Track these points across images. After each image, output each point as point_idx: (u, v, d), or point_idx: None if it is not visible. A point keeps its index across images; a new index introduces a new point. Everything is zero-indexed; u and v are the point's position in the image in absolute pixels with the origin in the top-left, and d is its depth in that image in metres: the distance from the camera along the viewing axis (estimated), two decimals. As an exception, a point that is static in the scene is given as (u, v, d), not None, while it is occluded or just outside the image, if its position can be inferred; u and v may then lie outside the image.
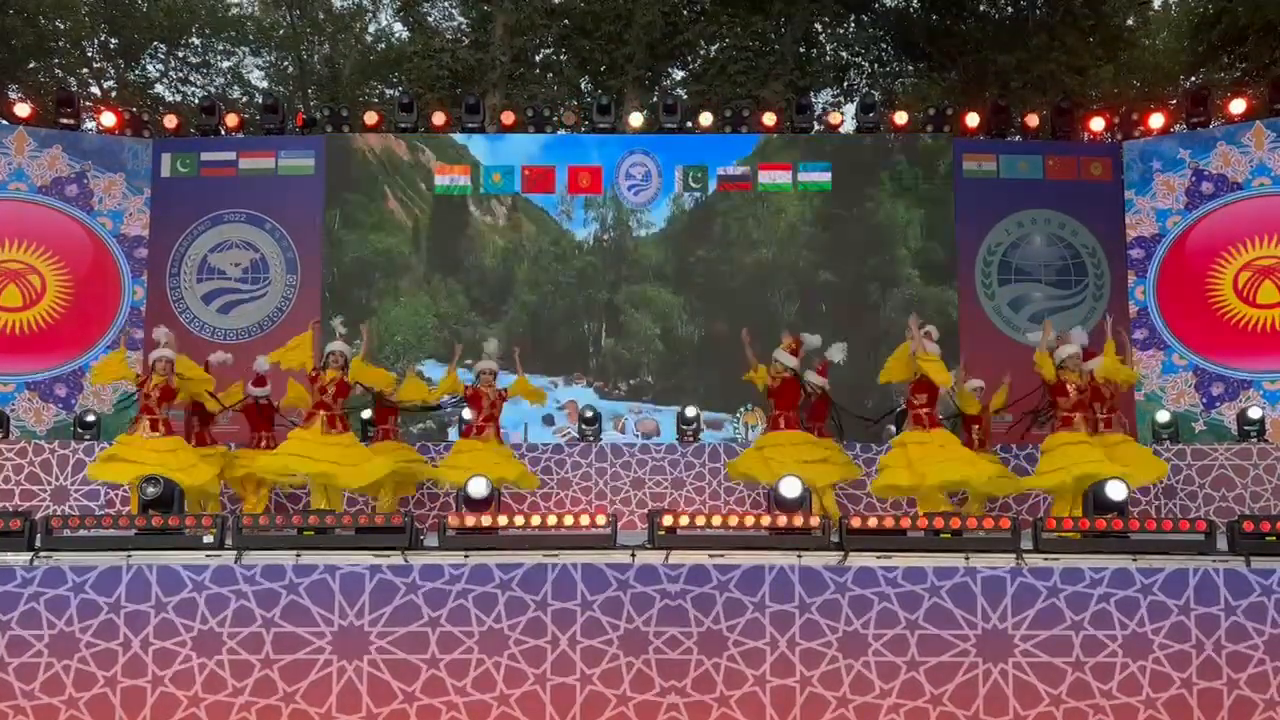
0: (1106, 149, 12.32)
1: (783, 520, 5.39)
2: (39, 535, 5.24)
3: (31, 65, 19.59)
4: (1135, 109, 12.80)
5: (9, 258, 11.53)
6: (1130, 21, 19.53)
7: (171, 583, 5.00)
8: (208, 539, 5.24)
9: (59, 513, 8.77)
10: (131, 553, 5.13)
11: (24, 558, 5.11)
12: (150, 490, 5.68)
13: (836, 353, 8.63)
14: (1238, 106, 11.76)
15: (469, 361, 9.56)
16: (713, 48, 17.99)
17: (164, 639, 4.96)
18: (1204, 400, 11.38)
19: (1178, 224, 11.75)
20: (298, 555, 5.14)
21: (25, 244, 11.57)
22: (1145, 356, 11.65)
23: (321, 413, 8.08)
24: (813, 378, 8.75)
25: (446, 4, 20.73)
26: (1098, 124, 12.46)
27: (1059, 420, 7.66)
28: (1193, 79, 18.41)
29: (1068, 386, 7.63)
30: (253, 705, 4.95)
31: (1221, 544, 5.32)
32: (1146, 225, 11.90)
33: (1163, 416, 10.38)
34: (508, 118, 12.43)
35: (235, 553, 5.16)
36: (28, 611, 4.95)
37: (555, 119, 12.38)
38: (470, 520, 5.37)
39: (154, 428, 8.24)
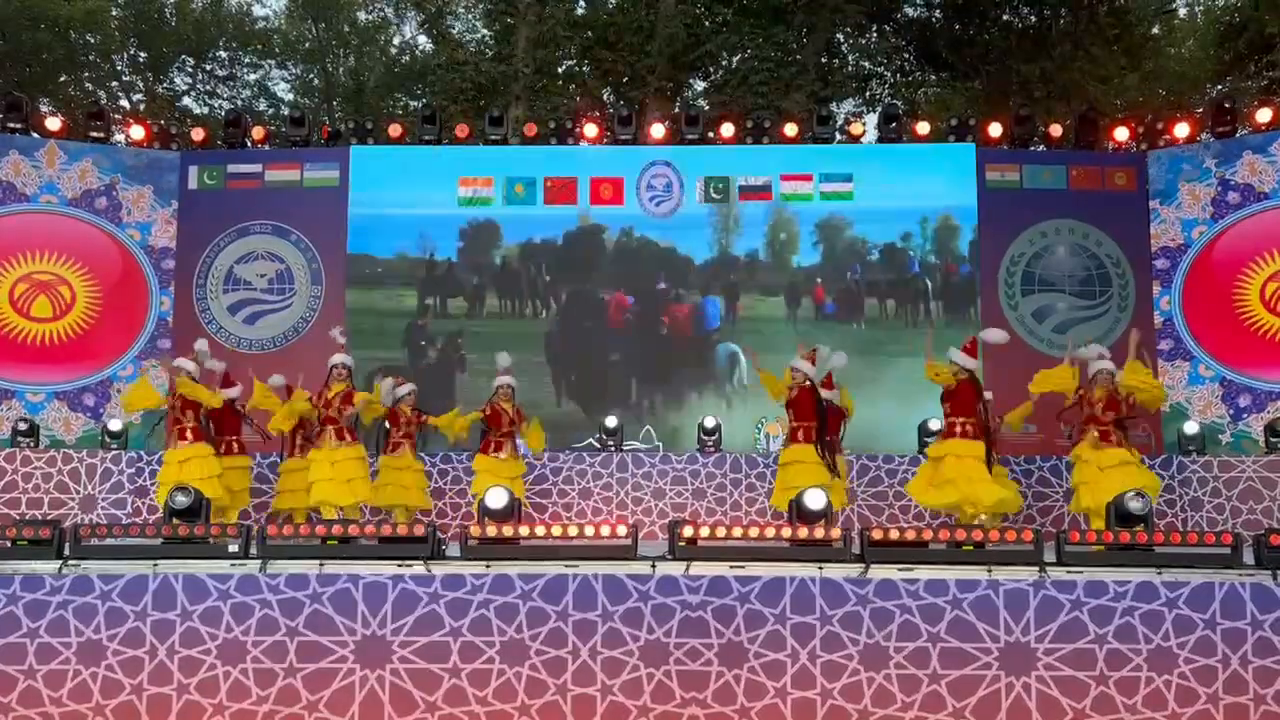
0: (1131, 158, 12.25)
1: (804, 532, 5.39)
2: (67, 543, 5.31)
3: (62, 79, 19.92)
4: (1160, 118, 12.70)
5: (40, 269, 11.71)
6: (1155, 30, 19.42)
7: (197, 591, 5.05)
8: (233, 548, 5.30)
9: (87, 521, 8.90)
10: (158, 561, 5.19)
11: (53, 566, 5.18)
12: (180, 499, 5.75)
13: (838, 360, 8.65)
14: (1264, 115, 11.67)
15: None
16: (734, 59, 18.03)
17: (189, 647, 5.01)
18: (1231, 412, 11.27)
19: (1204, 234, 11.66)
20: (321, 564, 5.18)
21: (56, 255, 11.74)
22: (1170, 368, 11.56)
23: (330, 427, 8.18)
24: (823, 393, 8.77)
25: (470, 17, 20.91)
26: (1122, 133, 12.38)
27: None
28: (1219, 88, 18.28)
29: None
30: (276, 714, 4.98)
31: (1248, 557, 5.26)
32: (1172, 235, 11.81)
33: (1189, 428, 10.28)
34: (530, 129, 12.51)
35: (260, 562, 5.21)
36: (56, 619, 5.01)
37: (577, 131, 12.45)
38: (492, 530, 5.40)
39: (182, 436, 8.33)
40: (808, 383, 8.19)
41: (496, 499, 5.68)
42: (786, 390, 8.24)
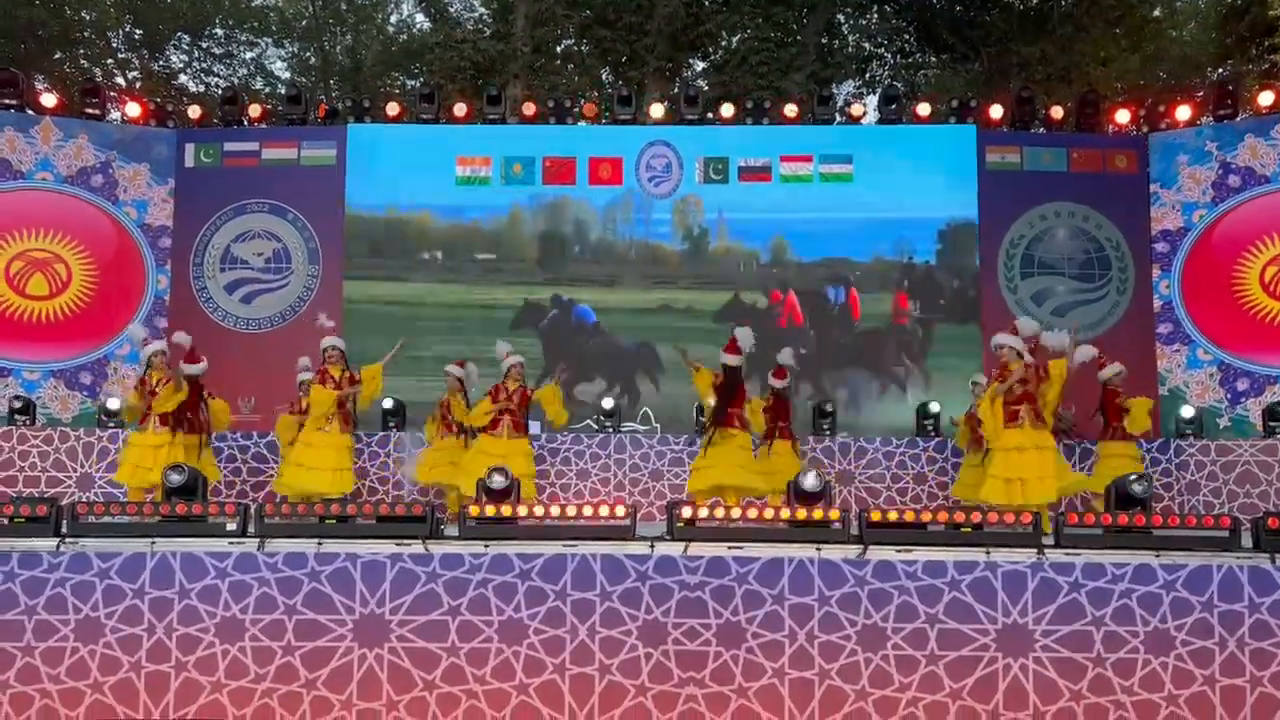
0: (1132, 141, 12.20)
1: (802, 513, 5.39)
2: (65, 521, 5.30)
3: (57, 55, 19.78)
4: (1161, 101, 12.64)
5: (36, 247, 11.65)
6: (1157, 12, 19.32)
7: (195, 569, 5.05)
8: (231, 526, 5.29)
9: (84, 499, 8.89)
10: (156, 539, 5.18)
11: (50, 543, 5.17)
12: (175, 478, 5.74)
13: (786, 357, 9.12)
14: (1266, 99, 11.62)
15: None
16: (734, 39, 17.93)
17: (187, 625, 5.01)
18: (1229, 396, 11.27)
19: (1204, 217, 11.63)
20: (319, 543, 5.18)
21: (51, 233, 11.69)
22: (1169, 351, 11.55)
23: (337, 411, 8.13)
24: (772, 382, 9.05)
25: (468, -6, 20.75)
26: (1123, 116, 12.32)
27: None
28: (1220, 70, 18.19)
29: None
30: (274, 692, 4.99)
31: (1246, 541, 5.27)
32: (1172, 219, 11.79)
33: (1187, 412, 10.28)
34: (529, 109, 12.43)
35: (258, 540, 5.20)
36: (54, 597, 5.01)
37: (576, 110, 12.37)
38: (490, 510, 5.39)
39: (163, 422, 8.29)
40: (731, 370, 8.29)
41: (496, 480, 5.67)
42: (714, 379, 8.28)
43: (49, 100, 12.12)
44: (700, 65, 19.28)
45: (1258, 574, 4.94)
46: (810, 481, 5.75)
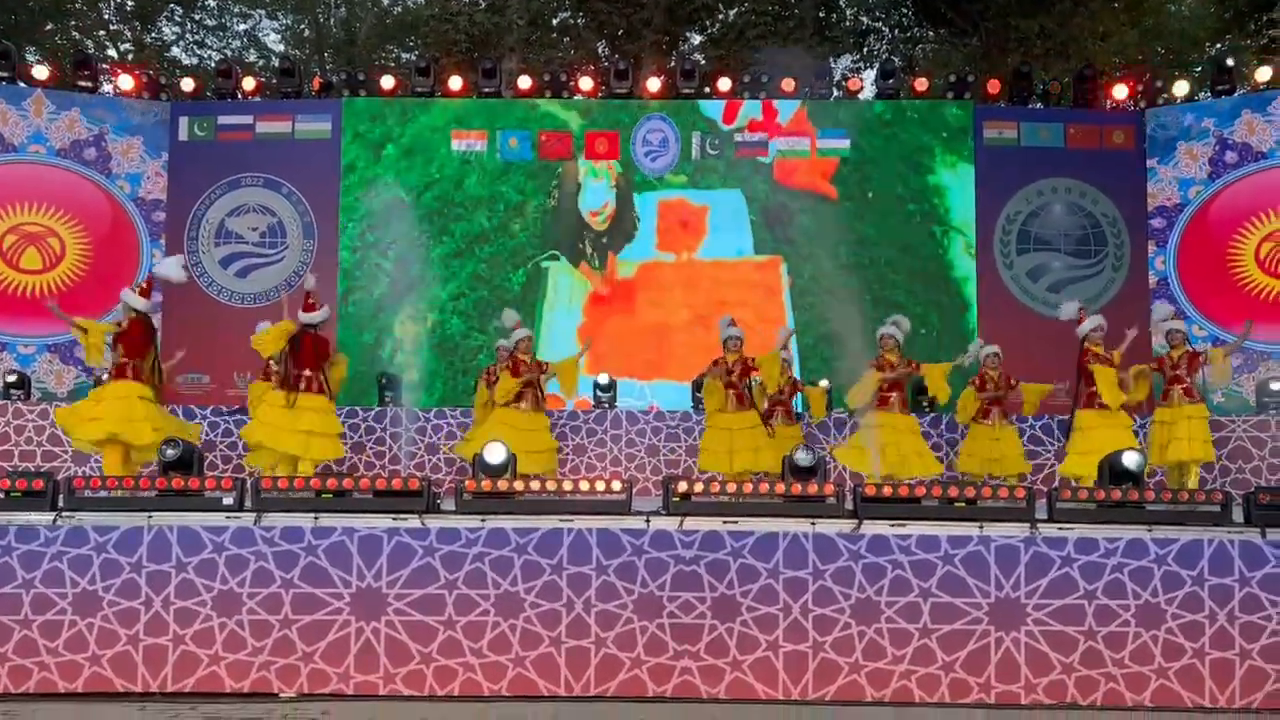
0: (1129, 117, 12.16)
1: (797, 488, 5.41)
2: (61, 495, 5.31)
3: (49, 27, 19.59)
4: (1159, 76, 12.59)
5: (29, 220, 11.60)
6: (1156, -14, 19.17)
7: (192, 543, 5.07)
8: (228, 500, 5.30)
9: (81, 473, 8.88)
10: (152, 514, 5.20)
11: (47, 517, 5.18)
12: (170, 453, 5.74)
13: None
14: (1264, 74, 11.59)
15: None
16: (731, 12, 17.81)
17: (185, 599, 5.04)
18: (1223, 372, 11.29)
19: (1200, 193, 11.62)
20: (316, 517, 5.20)
21: (44, 207, 11.63)
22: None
23: (307, 371, 7.75)
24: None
25: (463, -34, 20.53)
26: (1120, 91, 12.27)
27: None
28: (1218, 46, 18.10)
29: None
30: (271, 664, 5.02)
31: (1237, 515, 5.31)
32: (1168, 194, 11.77)
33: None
34: (524, 82, 12.36)
35: (254, 514, 5.22)
36: (51, 570, 5.03)
37: (572, 84, 12.30)
38: (487, 484, 5.41)
39: (136, 375, 7.61)
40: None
41: (494, 454, 5.68)
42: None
43: (41, 73, 12.01)
44: (697, 39, 19.15)
45: (1248, 548, 4.98)
46: (804, 457, 5.77)
